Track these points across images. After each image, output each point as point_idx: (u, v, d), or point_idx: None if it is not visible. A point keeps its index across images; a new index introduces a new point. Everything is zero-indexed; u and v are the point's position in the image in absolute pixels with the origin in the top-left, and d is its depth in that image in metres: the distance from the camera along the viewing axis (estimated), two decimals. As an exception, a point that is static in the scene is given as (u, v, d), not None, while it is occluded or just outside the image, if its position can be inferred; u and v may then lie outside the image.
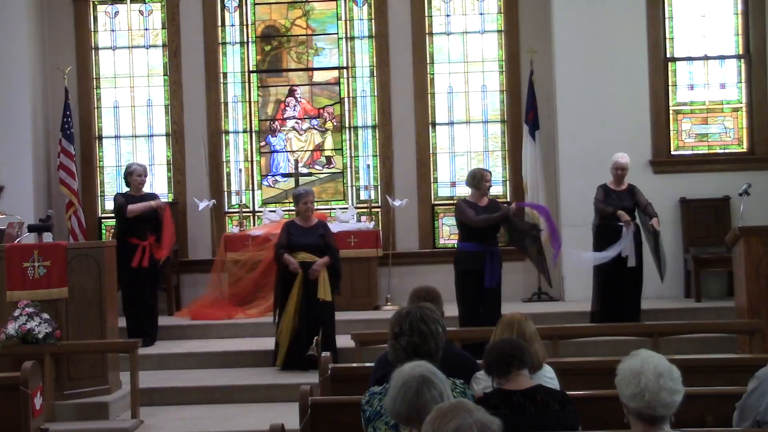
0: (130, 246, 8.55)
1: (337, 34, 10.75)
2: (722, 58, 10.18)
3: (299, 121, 10.83)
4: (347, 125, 10.71)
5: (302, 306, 7.84)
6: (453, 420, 2.45)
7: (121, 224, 8.84)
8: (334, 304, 8.03)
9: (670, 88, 10.10)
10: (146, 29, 10.76)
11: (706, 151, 10.13)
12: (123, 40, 10.75)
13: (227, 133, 10.73)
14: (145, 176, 9.06)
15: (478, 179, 8.03)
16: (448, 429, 2.44)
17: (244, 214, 10.41)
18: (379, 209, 10.50)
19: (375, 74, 10.62)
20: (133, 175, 8.94)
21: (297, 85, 10.83)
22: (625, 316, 8.16)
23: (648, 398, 2.97)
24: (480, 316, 7.73)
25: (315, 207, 8.46)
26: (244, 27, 10.72)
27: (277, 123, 10.82)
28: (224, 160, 10.69)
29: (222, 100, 10.68)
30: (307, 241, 7.97)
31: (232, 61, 10.73)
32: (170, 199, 10.53)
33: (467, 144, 10.63)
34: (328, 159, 10.80)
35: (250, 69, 10.74)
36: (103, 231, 10.58)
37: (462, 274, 7.89)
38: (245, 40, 10.72)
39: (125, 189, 9.08)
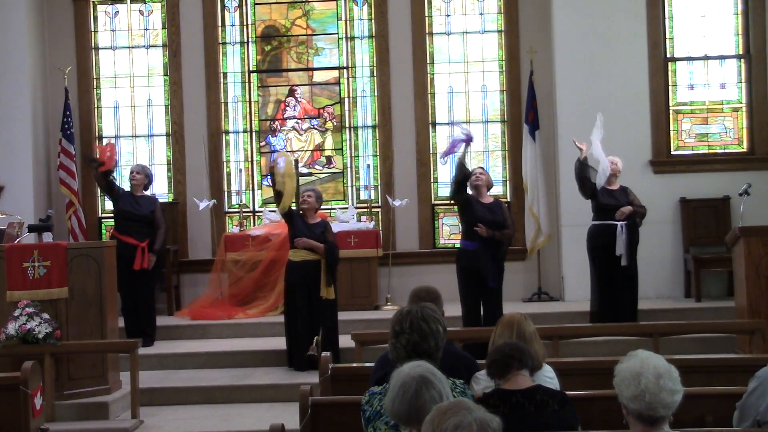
0: (127, 246, 8.52)
1: (337, 34, 10.75)
2: (722, 58, 10.18)
3: (299, 121, 10.83)
4: (347, 125, 10.71)
5: (304, 305, 7.82)
6: (453, 418, 2.45)
7: (115, 220, 9.01)
8: (336, 304, 8.00)
9: (670, 88, 10.10)
10: (146, 29, 10.76)
11: (706, 151, 10.12)
12: (123, 40, 10.76)
13: (227, 133, 10.73)
14: (139, 174, 8.92)
15: (477, 178, 8.02)
16: (447, 426, 2.44)
17: (244, 214, 10.41)
18: (379, 209, 10.50)
19: (375, 74, 10.62)
20: (130, 172, 9.07)
21: (297, 85, 10.84)
22: (622, 316, 8.17)
23: (648, 399, 2.97)
24: (483, 315, 7.78)
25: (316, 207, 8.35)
26: (244, 27, 10.72)
27: (277, 123, 10.82)
28: (224, 160, 10.69)
29: (222, 100, 10.69)
30: (308, 234, 7.92)
31: (232, 61, 10.73)
32: (170, 199, 10.55)
33: (467, 144, 10.62)
34: (328, 159, 10.81)
35: (250, 69, 10.74)
36: (103, 231, 10.57)
37: (462, 271, 7.88)
38: (245, 40, 10.72)
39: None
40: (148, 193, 9.13)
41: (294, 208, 8.23)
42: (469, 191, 8.01)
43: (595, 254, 8.49)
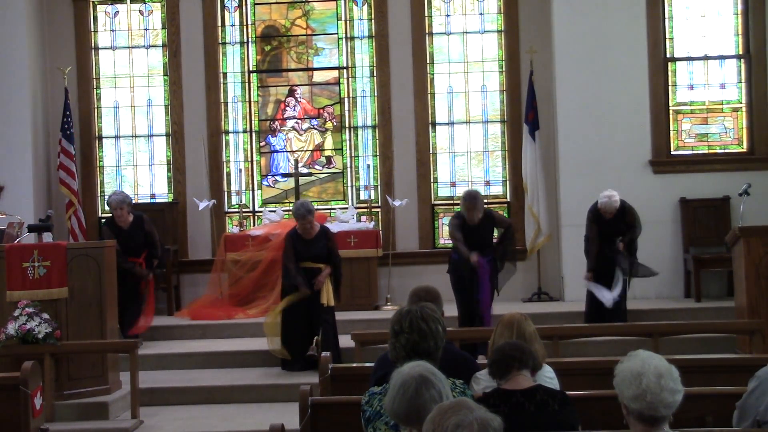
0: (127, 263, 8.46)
1: (337, 34, 10.75)
2: (722, 58, 10.18)
3: (299, 121, 10.83)
4: (347, 125, 10.71)
5: (304, 309, 7.82)
6: (454, 416, 2.45)
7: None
8: (333, 308, 8.01)
9: (670, 88, 10.10)
10: (146, 29, 10.76)
11: (706, 151, 10.12)
12: (123, 40, 10.76)
13: (227, 133, 10.73)
14: (122, 209, 8.62)
15: (466, 207, 7.96)
16: (448, 425, 2.44)
17: (244, 214, 10.41)
18: (379, 209, 10.50)
19: (375, 74, 10.62)
20: (111, 209, 8.77)
21: (297, 85, 10.84)
22: (611, 317, 8.20)
23: (650, 399, 2.96)
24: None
25: (315, 209, 8.34)
26: (244, 27, 10.72)
27: (277, 123, 10.82)
28: (224, 160, 10.69)
29: (222, 100, 10.68)
30: (311, 253, 7.96)
31: (232, 61, 10.73)
32: (170, 199, 10.55)
33: (467, 144, 10.63)
34: (328, 159, 10.80)
35: (250, 69, 10.74)
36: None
37: (456, 279, 8.01)
38: (245, 40, 10.72)
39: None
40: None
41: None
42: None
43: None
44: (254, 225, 10.51)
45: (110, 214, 8.96)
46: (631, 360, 3.07)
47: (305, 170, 10.56)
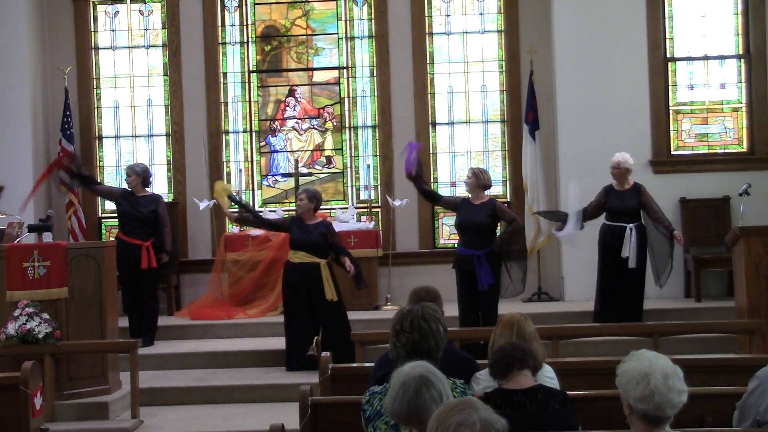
0: (131, 246, 8.52)
1: (337, 34, 10.75)
2: (722, 58, 10.18)
3: (299, 121, 10.83)
4: (347, 125, 10.71)
5: (305, 307, 7.81)
6: (458, 415, 2.45)
7: (119, 222, 8.94)
8: (342, 305, 7.97)
9: (670, 88, 10.10)
10: (146, 29, 10.76)
11: (706, 151, 10.13)
12: (123, 40, 10.76)
13: (227, 133, 10.73)
14: (135, 176, 8.83)
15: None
16: (451, 423, 2.44)
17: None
18: (379, 209, 10.50)
19: (375, 74, 10.63)
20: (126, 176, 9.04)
21: (297, 85, 10.84)
22: (626, 317, 8.15)
23: (657, 399, 2.96)
24: (479, 317, 7.81)
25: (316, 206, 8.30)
26: (244, 27, 10.73)
27: (277, 123, 10.82)
28: (224, 160, 10.69)
29: (222, 100, 10.68)
30: (306, 239, 7.87)
31: (232, 61, 10.73)
32: (170, 199, 10.54)
33: (467, 144, 10.63)
34: (328, 159, 10.81)
35: (250, 69, 10.74)
36: (103, 231, 10.58)
37: (458, 275, 7.94)
38: (245, 40, 10.72)
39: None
40: (150, 190, 9.11)
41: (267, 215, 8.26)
42: (467, 194, 8.14)
43: (604, 253, 8.48)
44: (254, 225, 10.50)
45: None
46: (636, 360, 3.07)
47: (305, 170, 10.56)
